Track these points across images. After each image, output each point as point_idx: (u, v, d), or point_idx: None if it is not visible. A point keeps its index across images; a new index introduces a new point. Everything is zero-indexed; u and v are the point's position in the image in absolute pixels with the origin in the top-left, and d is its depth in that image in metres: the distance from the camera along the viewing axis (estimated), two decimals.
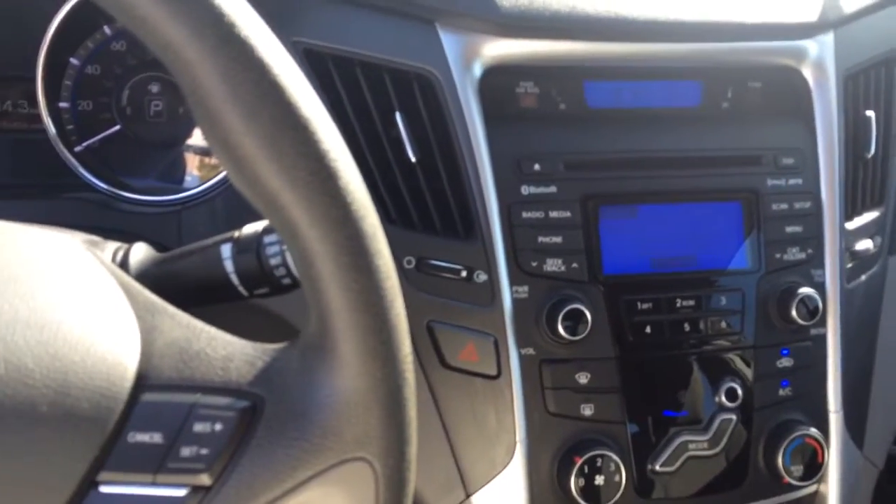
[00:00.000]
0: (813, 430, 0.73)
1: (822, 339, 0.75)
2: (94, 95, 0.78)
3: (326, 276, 0.36)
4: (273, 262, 0.52)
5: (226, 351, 0.40)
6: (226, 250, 0.53)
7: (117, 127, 0.78)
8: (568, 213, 0.70)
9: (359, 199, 0.37)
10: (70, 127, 0.77)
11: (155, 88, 0.78)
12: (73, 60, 0.77)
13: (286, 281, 0.52)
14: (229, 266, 0.53)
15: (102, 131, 0.78)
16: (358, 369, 0.37)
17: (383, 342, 0.37)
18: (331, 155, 0.36)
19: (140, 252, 0.55)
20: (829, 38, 0.76)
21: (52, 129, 0.75)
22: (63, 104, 0.77)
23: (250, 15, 0.35)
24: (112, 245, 0.55)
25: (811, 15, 0.75)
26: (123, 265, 0.54)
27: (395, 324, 0.38)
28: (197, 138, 0.79)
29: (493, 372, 0.69)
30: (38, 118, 0.75)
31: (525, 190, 0.69)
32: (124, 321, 0.40)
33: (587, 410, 0.70)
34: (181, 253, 0.55)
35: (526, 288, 0.69)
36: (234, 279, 0.53)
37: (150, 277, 0.53)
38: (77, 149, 0.77)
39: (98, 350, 0.38)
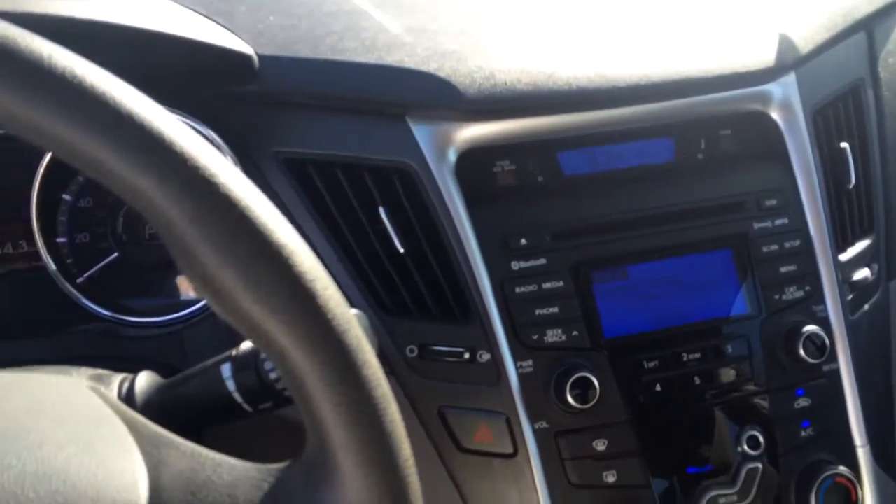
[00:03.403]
0: (842, 469, 0.72)
1: (835, 374, 0.75)
2: (89, 227, 0.79)
3: (317, 394, 0.37)
4: (272, 376, 0.53)
5: (231, 476, 0.40)
6: (226, 370, 0.54)
7: (115, 255, 0.79)
8: (560, 283, 0.70)
9: (339, 314, 0.38)
10: (69, 261, 0.78)
11: None
12: (66, 196, 0.79)
13: (288, 393, 0.53)
14: (231, 385, 0.54)
15: (101, 260, 0.79)
16: (360, 482, 0.38)
17: (382, 452, 0.38)
18: (306, 276, 0.37)
19: (144, 381, 0.56)
20: (791, 79, 0.78)
21: (52, 265, 0.77)
22: (60, 239, 0.78)
23: (211, 154, 0.37)
24: (117, 378, 0.56)
25: (769, 60, 0.76)
26: (129, 397, 0.55)
27: (390, 431, 0.38)
28: None
29: (510, 450, 0.69)
30: (38, 256, 0.77)
31: (515, 265, 0.70)
32: (130, 459, 0.41)
33: (610, 477, 0.69)
34: (184, 377, 0.56)
35: (530, 362, 0.69)
36: (238, 397, 0.54)
37: (156, 406, 0.54)
38: (79, 280, 0.78)
39: (107, 492, 0.38)
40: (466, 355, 0.69)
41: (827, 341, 0.72)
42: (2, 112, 0.33)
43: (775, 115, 0.77)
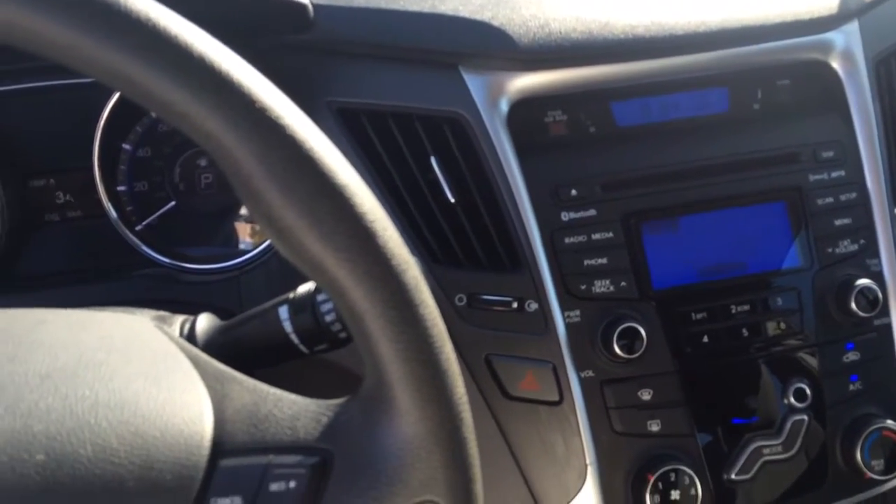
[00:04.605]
0: (889, 422, 0.71)
1: (887, 329, 0.74)
2: (148, 176, 0.82)
3: (376, 331, 0.38)
4: (328, 318, 0.54)
5: (292, 410, 0.42)
6: (283, 312, 0.56)
7: (172, 203, 0.82)
8: (610, 234, 0.70)
9: (398, 254, 0.39)
10: (129, 208, 0.81)
11: (203, 162, 0.82)
12: (125, 146, 0.81)
13: (343, 335, 0.55)
14: (288, 327, 0.55)
15: (159, 209, 0.81)
16: (416, 416, 0.39)
17: (437, 388, 0.39)
18: (367, 216, 0.38)
19: (205, 322, 0.58)
20: (853, 27, 0.76)
21: (112, 213, 0.79)
22: (120, 188, 0.81)
23: (278, 97, 0.38)
24: (179, 319, 0.58)
25: (832, 7, 0.74)
26: (191, 336, 0.57)
27: (446, 368, 0.40)
28: None
29: (556, 398, 0.70)
30: (99, 204, 0.79)
31: (565, 216, 0.71)
32: (196, 393, 0.43)
33: (654, 426, 0.70)
34: (242, 319, 0.58)
35: (578, 312, 0.70)
36: (294, 339, 0.56)
37: (217, 346, 0.57)
38: (138, 228, 0.81)
39: (175, 423, 0.40)
40: (515, 305, 0.70)
41: (880, 295, 0.71)
42: (81, 55, 0.35)
43: (836, 64, 0.75)
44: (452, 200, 0.70)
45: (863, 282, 0.71)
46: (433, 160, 0.71)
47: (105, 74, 0.36)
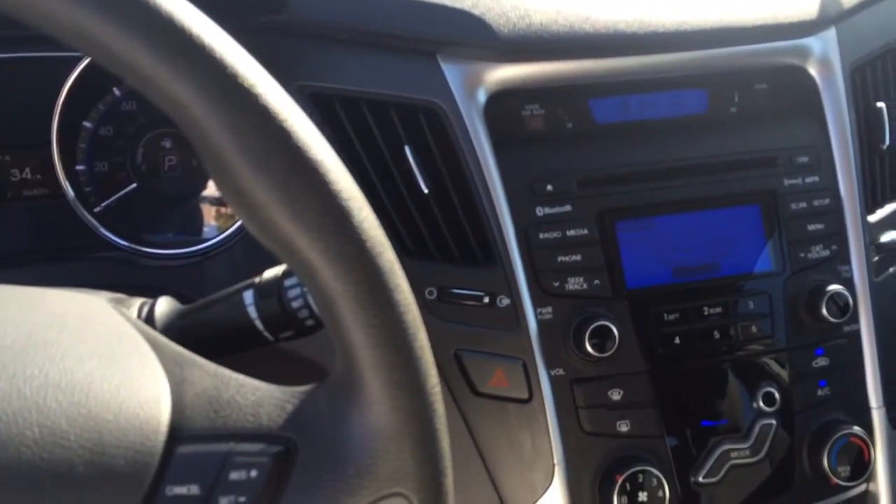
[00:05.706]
0: (856, 429, 0.72)
1: (856, 336, 0.74)
2: (109, 156, 0.79)
3: (347, 315, 0.37)
4: (295, 304, 0.52)
5: (255, 397, 0.40)
6: (248, 297, 0.53)
7: (134, 185, 0.79)
8: (585, 231, 0.70)
9: (373, 235, 0.37)
10: (88, 189, 0.78)
11: (168, 144, 0.80)
12: (86, 124, 0.78)
13: (310, 322, 0.53)
14: (252, 312, 0.53)
15: (120, 190, 0.79)
16: (387, 405, 0.37)
17: (409, 376, 0.37)
18: (342, 195, 0.36)
19: (164, 306, 0.56)
20: (831, 34, 0.76)
21: (70, 192, 0.76)
22: (80, 167, 0.78)
23: (252, 65, 0.36)
24: (137, 301, 0.56)
25: (811, 12, 0.75)
26: (149, 320, 0.54)
27: (419, 356, 0.38)
28: (212, 189, 0.80)
29: (525, 396, 0.69)
30: (57, 183, 0.76)
31: (540, 211, 0.70)
32: (153, 375, 0.40)
33: (623, 427, 0.69)
34: (205, 303, 0.56)
35: (550, 309, 0.69)
36: (259, 325, 0.53)
37: (176, 330, 0.54)
38: (97, 209, 0.78)
39: (130, 406, 0.38)
40: (486, 299, 0.69)
41: (850, 301, 0.71)
42: (43, 12, 0.33)
43: (813, 70, 0.76)
44: (426, 191, 0.69)
45: (834, 288, 0.71)
46: (407, 149, 0.69)
47: (69, 33, 0.34)
